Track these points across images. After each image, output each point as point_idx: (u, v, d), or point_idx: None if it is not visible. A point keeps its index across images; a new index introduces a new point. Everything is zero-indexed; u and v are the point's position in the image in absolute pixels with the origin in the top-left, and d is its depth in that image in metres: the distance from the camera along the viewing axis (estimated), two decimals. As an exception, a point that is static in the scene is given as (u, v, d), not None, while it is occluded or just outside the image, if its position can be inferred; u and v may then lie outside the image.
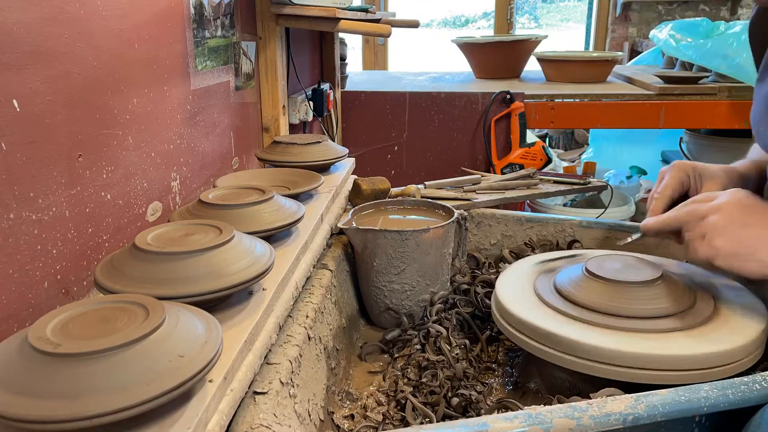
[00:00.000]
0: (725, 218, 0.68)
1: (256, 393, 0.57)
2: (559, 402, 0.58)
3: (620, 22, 3.94)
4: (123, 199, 0.77)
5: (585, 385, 0.70)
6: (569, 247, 1.08)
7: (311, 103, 1.58)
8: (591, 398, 0.57)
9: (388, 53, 3.75)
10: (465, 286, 0.98)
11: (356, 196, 1.09)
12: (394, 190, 1.12)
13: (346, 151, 1.06)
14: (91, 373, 0.42)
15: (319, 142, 1.11)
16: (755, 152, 0.94)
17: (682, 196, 0.86)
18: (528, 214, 1.13)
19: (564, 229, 1.08)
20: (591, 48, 4.07)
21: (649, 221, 0.78)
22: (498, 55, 2.29)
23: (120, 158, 0.76)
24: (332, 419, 0.72)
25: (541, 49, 2.32)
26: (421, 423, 0.68)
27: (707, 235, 0.69)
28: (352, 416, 0.73)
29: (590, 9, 4.16)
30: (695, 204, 0.73)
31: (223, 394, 0.51)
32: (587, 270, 0.76)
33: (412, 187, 1.13)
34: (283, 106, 1.34)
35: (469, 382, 0.76)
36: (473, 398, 0.72)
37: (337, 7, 1.26)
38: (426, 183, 1.19)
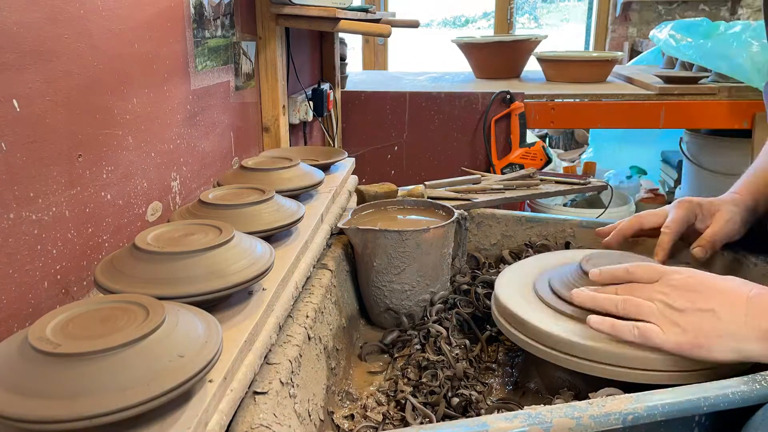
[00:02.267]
0: (680, 302, 0.62)
1: (256, 393, 0.57)
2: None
3: (620, 22, 3.94)
4: (123, 199, 0.77)
5: (585, 385, 0.70)
6: (567, 248, 1.07)
7: (311, 103, 1.58)
8: (590, 398, 0.57)
9: (388, 53, 3.75)
10: (465, 287, 0.98)
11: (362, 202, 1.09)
12: (400, 191, 1.12)
13: (322, 176, 0.99)
14: (91, 373, 0.42)
15: (290, 166, 0.97)
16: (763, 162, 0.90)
17: (688, 229, 0.84)
18: (528, 214, 1.13)
19: (564, 229, 1.08)
20: (591, 48, 4.06)
21: (583, 295, 0.70)
22: (498, 55, 2.29)
23: (120, 158, 0.76)
24: (332, 419, 0.72)
25: (541, 49, 2.32)
26: (421, 423, 0.68)
27: (660, 320, 0.62)
28: (352, 416, 0.73)
29: (590, 9, 4.16)
30: (638, 284, 0.67)
31: (223, 394, 0.51)
32: (584, 267, 0.76)
33: (419, 187, 1.13)
34: (283, 106, 1.34)
35: (469, 382, 0.76)
36: (473, 398, 0.72)
37: (337, 7, 1.26)
38: (426, 183, 1.19)
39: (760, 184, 0.87)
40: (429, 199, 1.07)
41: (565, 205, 2.30)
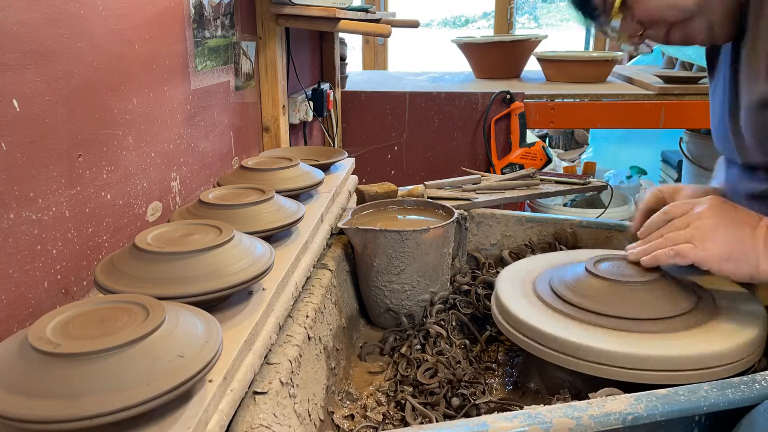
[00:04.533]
0: (711, 223, 0.68)
1: (256, 393, 0.57)
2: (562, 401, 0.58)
3: (620, 22, 3.93)
4: (123, 199, 0.77)
5: (585, 385, 0.70)
6: (567, 248, 1.07)
7: (311, 103, 1.58)
8: (590, 398, 0.57)
9: (388, 53, 3.74)
10: (465, 287, 0.98)
11: (361, 202, 1.09)
12: (400, 191, 1.12)
13: (322, 176, 1.00)
14: (91, 373, 0.42)
15: (290, 166, 0.97)
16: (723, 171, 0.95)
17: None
18: (528, 214, 1.13)
19: (564, 229, 1.08)
20: (591, 48, 4.06)
21: (634, 252, 0.76)
22: (498, 55, 2.29)
23: (120, 158, 0.76)
24: (332, 419, 0.72)
25: (541, 49, 2.32)
26: (421, 423, 0.68)
27: (694, 239, 0.68)
28: (352, 416, 0.73)
29: (590, 9, 4.15)
30: (674, 219, 0.72)
31: (223, 394, 0.51)
32: (587, 271, 0.76)
33: (419, 188, 1.13)
34: (283, 106, 1.34)
35: (469, 382, 0.76)
36: (473, 398, 0.72)
37: (337, 7, 1.26)
38: (426, 183, 1.19)
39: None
40: (429, 199, 1.07)
41: (565, 205, 2.30)
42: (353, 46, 3.71)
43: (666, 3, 0.73)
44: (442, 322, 0.87)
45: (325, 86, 1.62)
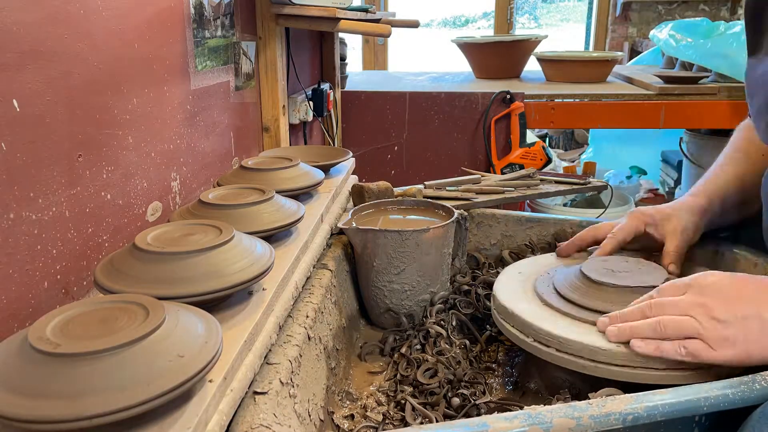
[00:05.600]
0: (723, 314, 0.59)
1: (256, 393, 0.57)
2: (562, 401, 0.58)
3: (620, 22, 3.94)
4: (123, 199, 0.77)
5: (585, 385, 0.70)
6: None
7: (311, 103, 1.58)
8: (590, 398, 0.57)
9: (388, 53, 3.75)
10: (466, 287, 0.98)
11: (360, 202, 1.09)
12: (396, 191, 1.12)
13: (322, 176, 0.99)
14: (91, 373, 0.42)
15: (290, 166, 0.98)
16: (718, 173, 0.90)
17: (636, 241, 0.85)
18: (528, 214, 1.13)
19: (564, 229, 1.08)
20: (591, 48, 4.07)
21: (611, 330, 0.66)
22: (498, 55, 2.29)
23: (120, 158, 0.76)
24: (332, 419, 0.72)
25: (541, 49, 2.32)
26: (421, 423, 0.68)
27: (707, 338, 0.59)
28: (352, 416, 0.73)
29: (590, 9, 4.16)
30: (664, 305, 0.63)
31: (223, 394, 0.51)
32: (587, 271, 0.76)
33: (413, 188, 1.13)
34: (283, 106, 1.34)
35: (469, 382, 0.76)
36: (473, 398, 0.72)
37: (337, 7, 1.26)
38: (426, 183, 1.19)
39: (720, 183, 0.88)
40: (429, 199, 1.07)
41: (565, 205, 2.30)
42: (353, 46, 3.72)
43: None
44: (442, 322, 0.87)
45: (325, 86, 1.62)
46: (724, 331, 0.58)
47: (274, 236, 0.79)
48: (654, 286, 0.71)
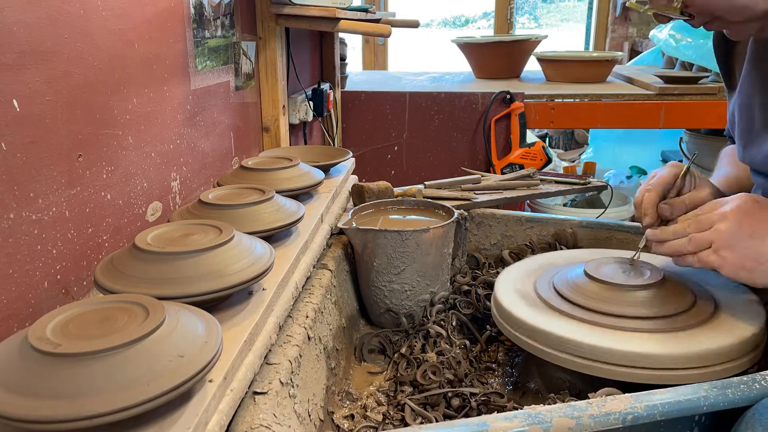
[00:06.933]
0: (732, 227, 0.67)
1: (256, 393, 0.57)
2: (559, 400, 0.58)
3: (620, 22, 3.94)
4: (123, 199, 0.77)
5: (585, 385, 0.70)
6: (567, 247, 1.07)
7: (311, 103, 1.58)
8: (590, 398, 0.57)
9: (388, 53, 3.74)
10: (466, 287, 0.98)
11: (359, 201, 1.09)
12: (396, 191, 1.12)
13: (322, 176, 0.99)
14: (91, 373, 0.42)
15: (290, 166, 0.98)
16: (725, 170, 0.93)
17: (676, 194, 0.84)
18: (528, 214, 1.13)
19: (564, 229, 1.08)
20: (591, 48, 4.06)
21: (654, 233, 0.74)
22: (498, 55, 2.29)
23: (120, 158, 0.76)
24: (332, 419, 0.72)
25: (541, 49, 2.32)
26: (421, 423, 0.68)
27: (714, 244, 0.67)
28: (352, 416, 0.73)
29: (590, 9, 4.15)
30: (702, 214, 0.71)
31: (223, 394, 0.51)
32: (588, 271, 0.76)
33: (413, 188, 1.13)
34: (283, 106, 1.34)
35: (469, 382, 0.76)
36: (473, 398, 0.72)
37: (337, 7, 1.26)
38: (426, 183, 1.19)
39: (722, 187, 0.89)
40: (429, 199, 1.07)
41: (565, 205, 2.30)
42: (353, 46, 3.72)
43: (730, 3, 0.67)
44: (442, 322, 0.87)
45: (325, 86, 1.62)
46: (728, 240, 0.67)
47: (274, 236, 0.79)
48: (652, 285, 0.72)
